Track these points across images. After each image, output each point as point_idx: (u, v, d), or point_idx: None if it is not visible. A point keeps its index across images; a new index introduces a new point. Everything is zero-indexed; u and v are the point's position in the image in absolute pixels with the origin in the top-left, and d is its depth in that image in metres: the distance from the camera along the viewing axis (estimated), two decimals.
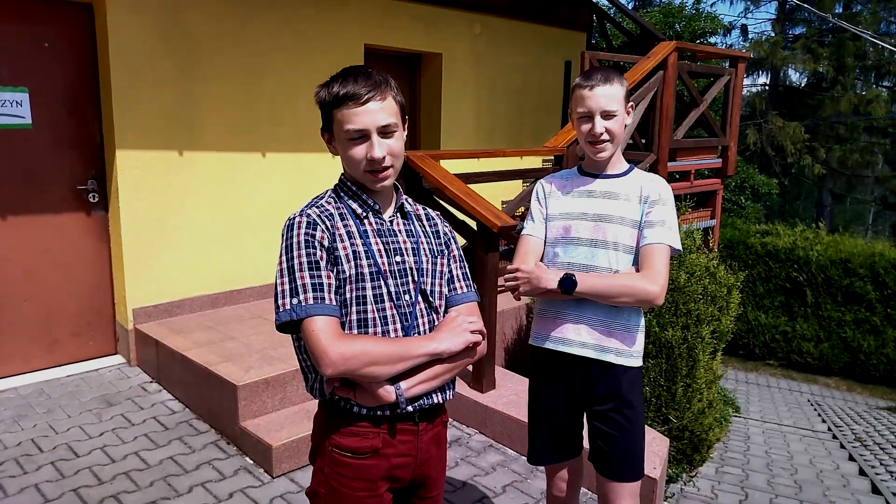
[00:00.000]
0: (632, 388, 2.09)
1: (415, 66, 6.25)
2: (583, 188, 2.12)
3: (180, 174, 4.37)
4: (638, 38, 7.87)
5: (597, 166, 2.12)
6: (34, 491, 2.90)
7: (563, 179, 2.20)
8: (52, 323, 4.13)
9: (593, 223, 2.05)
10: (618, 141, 2.05)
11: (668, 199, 2.05)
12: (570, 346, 2.09)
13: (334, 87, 1.47)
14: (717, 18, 13.67)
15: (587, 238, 2.05)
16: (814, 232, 9.34)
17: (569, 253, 2.08)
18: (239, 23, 4.56)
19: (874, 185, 19.38)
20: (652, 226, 2.01)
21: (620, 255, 2.03)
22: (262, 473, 3.14)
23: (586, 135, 2.03)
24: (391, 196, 1.61)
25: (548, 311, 2.15)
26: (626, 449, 2.11)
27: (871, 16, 17.60)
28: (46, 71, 3.93)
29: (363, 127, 1.45)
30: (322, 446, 1.54)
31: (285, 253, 1.45)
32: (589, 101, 2.00)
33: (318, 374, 1.51)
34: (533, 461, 2.30)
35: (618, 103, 2.00)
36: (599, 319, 2.05)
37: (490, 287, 3.60)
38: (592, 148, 2.05)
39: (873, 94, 16.72)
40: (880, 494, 4.33)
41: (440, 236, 1.67)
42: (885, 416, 7.07)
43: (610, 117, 2.00)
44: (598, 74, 2.01)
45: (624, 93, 2.03)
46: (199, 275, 4.54)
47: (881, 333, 8.46)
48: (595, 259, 2.04)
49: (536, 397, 2.25)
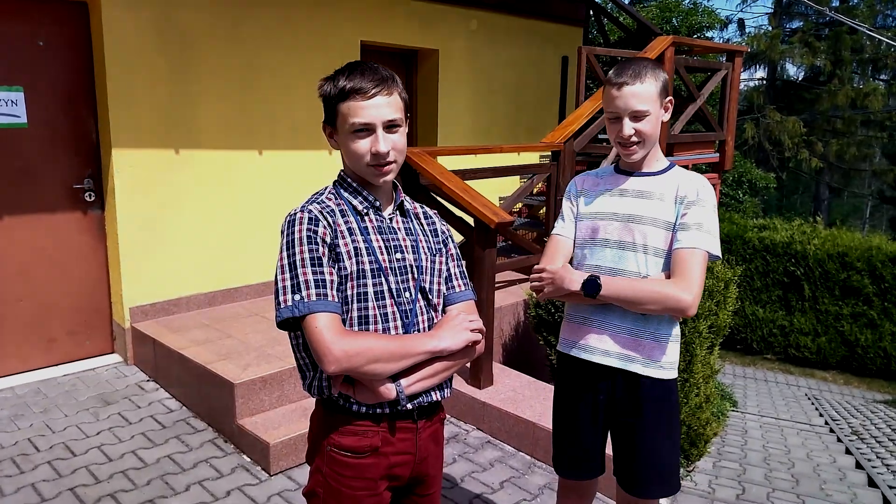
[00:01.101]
0: (661, 401, 1.96)
1: (411, 62, 6.24)
2: (615, 187, 1.99)
3: (176, 172, 4.36)
4: (635, 33, 7.86)
5: (631, 164, 1.98)
6: (31, 490, 2.90)
7: (597, 177, 2.07)
8: (48, 322, 4.12)
9: (622, 224, 1.93)
10: (650, 141, 1.90)
11: (707, 200, 1.88)
12: (592, 354, 1.99)
13: (341, 81, 1.45)
14: (714, 13, 13.64)
15: (615, 240, 1.94)
16: (811, 226, 9.36)
17: (595, 255, 1.97)
18: (234, 20, 4.55)
19: (871, 178, 19.42)
20: (687, 228, 1.85)
21: (650, 258, 1.90)
22: (259, 471, 3.14)
23: (616, 136, 1.90)
24: (391, 193, 1.60)
25: (575, 316, 2.05)
26: (652, 465, 1.99)
27: (868, 9, 17.60)
28: (41, 70, 3.92)
29: (369, 121, 1.44)
30: (320, 445, 1.53)
31: (286, 249, 1.44)
32: (617, 102, 1.86)
33: (315, 372, 1.50)
34: (561, 472, 2.18)
35: (649, 102, 1.85)
36: (626, 327, 1.93)
37: (488, 283, 3.60)
38: (623, 150, 1.92)
39: (870, 88, 16.73)
40: (876, 487, 4.34)
41: (438, 234, 1.67)
42: (881, 410, 7.09)
43: (640, 118, 1.85)
44: (630, 70, 1.85)
45: (658, 89, 1.86)
46: (196, 273, 4.54)
47: (878, 327, 8.48)
48: (623, 262, 1.92)
49: (561, 406, 2.15)
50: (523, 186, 5.03)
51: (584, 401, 2.05)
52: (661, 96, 1.88)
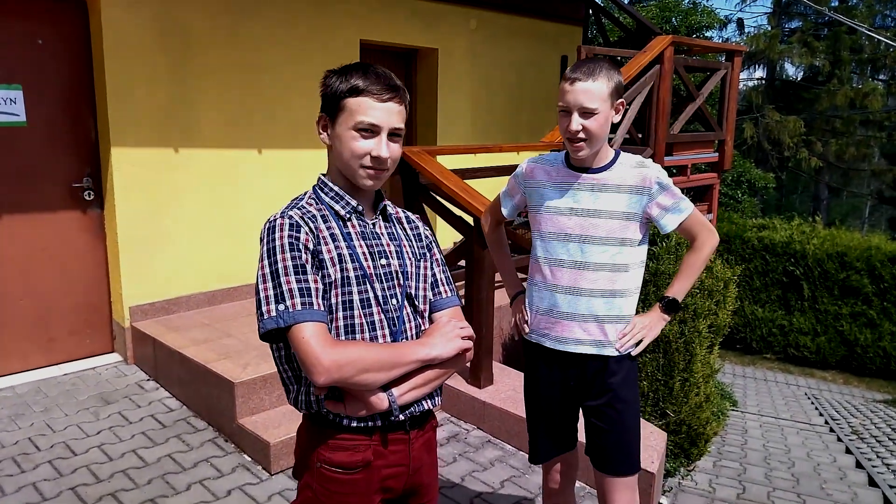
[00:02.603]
0: (625, 381, 2.06)
1: (411, 61, 6.24)
2: (568, 182, 2.04)
3: (176, 171, 4.36)
4: (634, 32, 7.86)
5: (581, 161, 2.02)
6: (32, 490, 2.90)
7: (548, 167, 2.10)
8: (48, 321, 4.12)
9: (582, 218, 2.00)
10: (597, 140, 1.93)
11: (663, 180, 1.99)
12: (566, 345, 2.06)
13: (354, 79, 1.42)
14: (713, 12, 13.65)
15: (577, 234, 2.00)
16: (810, 226, 9.36)
17: (559, 250, 2.04)
18: (234, 18, 4.54)
19: (870, 178, 19.41)
20: (669, 210, 1.99)
21: (611, 248, 1.99)
22: (260, 470, 3.14)
23: (564, 130, 1.95)
24: (373, 199, 1.57)
25: (539, 307, 2.11)
26: (622, 444, 2.09)
27: (867, 9, 17.60)
28: (40, 68, 3.91)
29: (378, 122, 1.41)
30: (309, 461, 1.47)
31: (267, 257, 1.38)
32: (568, 97, 1.90)
33: (301, 385, 1.45)
34: (534, 460, 2.28)
35: (599, 101, 1.88)
36: (592, 315, 2.02)
37: (487, 282, 3.60)
38: (570, 146, 1.97)
39: (869, 88, 16.73)
40: (877, 487, 4.34)
41: (422, 239, 1.63)
42: (881, 409, 7.09)
43: (588, 115, 1.88)
44: (584, 68, 1.89)
45: (609, 89, 1.89)
46: (196, 272, 4.53)
47: (878, 326, 8.49)
48: (586, 255, 2.00)
49: (532, 394, 2.23)
50: None
51: (556, 388, 2.14)
52: (612, 97, 1.91)
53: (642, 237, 2.04)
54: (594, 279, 2.00)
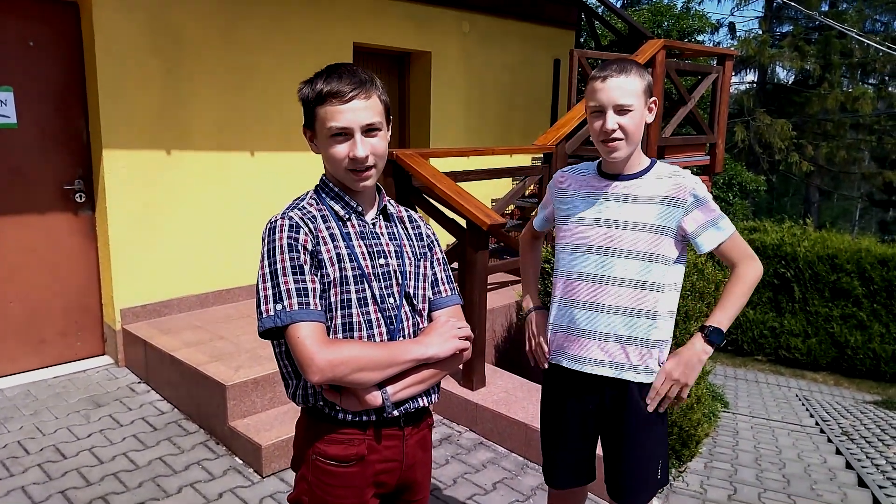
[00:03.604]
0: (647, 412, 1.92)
1: (404, 64, 6.24)
2: (598, 191, 1.93)
3: (168, 173, 4.35)
4: (626, 36, 7.90)
5: (614, 166, 1.92)
6: (21, 494, 2.88)
7: (579, 176, 2.00)
8: (38, 324, 4.10)
9: (606, 229, 1.88)
10: (634, 139, 1.83)
11: (701, 194, 1.85)
12: (583, 365, 1.94)
13: (318, 84, 1.43)
14: (705, 16, 13.74)
15: (599, 246, 1.89)
16: (801, 228, 9.41)
17: (579, 262, 1.92)
18: (227, 21, 4.54)
19: (861, 181, 19.53)
20: (706, 227, 1.84)
21: (636, 263, 1.85)
22: (251, 473, 3.13)
23: (598, 132, 1.83)
24: (373, 198, 1.57)
25: (559, 325, 2.00)
26: (636, 476, 1.96)
27: (857, 14, 17.73)
28: (31, 70, 3.90)
29: (347, 125, 1.42)
30: (305, 454, 1.51)
31: (267, 257, 1.41)
32: (600, 95, 1.80)
33: (299, 381, 1.48)
34: (551, 484, 2.14)
35: (634, 97, 1.79)
36: (613, 334, 1.89)
37: (480, 285, 3.61)
38: (604, 147, 1.84)
39: (859, 92, 16.85)
40: (866, 487, 4.36)
41: (423, 238, 1.64)
42: (871, 410, 7.13)
43: (624, 112, 1.79)
44: (614, 65, 1.81)
45: (643, 86, 1.81)
46: (188, 274, 4.52)
47: (867, 328, 8.54)
48: (607, 269, 1.88)
49: (550, 416, 2.10)
50: (515, 188, 5.04)
51: (574, 410, 2.01)
52: (645, 94, 1.83)
53: (679, 255, 1.89)
54: (616, 295, 1.87)
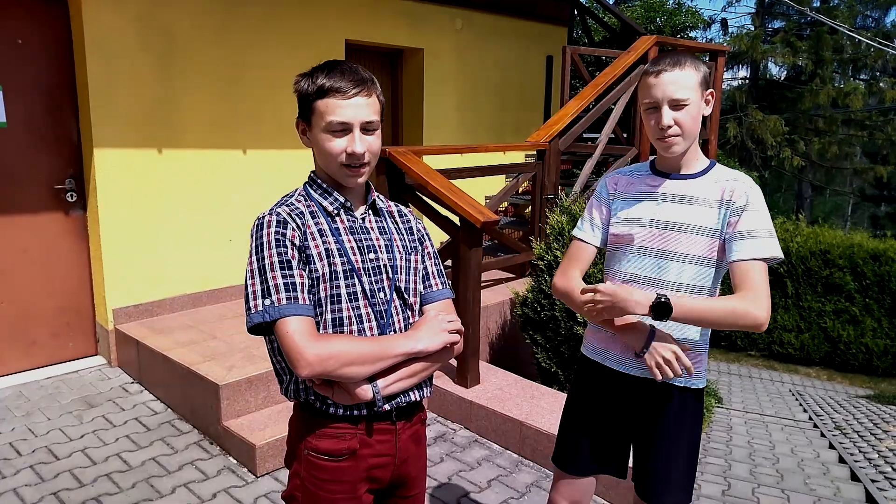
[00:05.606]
0: (684, 410, 1.87)
1: (397, 61, 6.23)
2: (652, 190, 1.86)
3: (160, 172, 4.32)
4: (619, 32, 7.90)
5: (669, 164, 1.84)
6: (13, 495, 2.86)
7: (631, 177, 1.93)
8: (30, 324, 4.07)
9: (662, 231, 1.81)
10: (691, 134, 1.77)
11: (756, 202, 1.75)
12: (621, 365, 1.89)
13: (320, 79, 1.43)
14: (697, 13, 13.77)
15: (655, 248, 1.82)
16: (794, 224, 9.44)
17: (633, 264, 1.86)
18: (219, 18, 4.51)
19: (853, 176, 19.62)
20: (742, 238, 1.72)
21: (692, 267, 1.79)
22: (245, 473, 3.12)
23: (653, 128, 1.77)
24: (362, 193, 1.58)
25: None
26: (671, 475, 1.89)
27: (848, 10, 17.80)
28: (20, 68, 3.86)
29: (348, 120, 1.42)
30: (298, 450, 1.51)
31: (255, 253, 1.41)
32: (654, 90, 1.74)
33: (292, 376, 1.48)
34: (571, 469, 2.02)
35: (689, 90, 1.72)
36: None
37: (473, 282, 3.60)
38: (661, 143, 1.78)
39: (851, 87, 16.93)
40: (859, 481, 4.39)
41: (413, 233, 1.64)
42: (863, 405, 7.17)
43: (680, 107, 1.72)
44: (668, 59, 1.74)
45: (699, 78, 1.74)
46: (180, 274, 4.50)
47: (860, 323, 8.59)
48: (662, 272, 1.81)
49: (578, 408, 2.03)
50: (509, 185, 5.04)
51: (606, 407, 1.96)
52: (701, 86, 1.76)
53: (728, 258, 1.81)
54: None
